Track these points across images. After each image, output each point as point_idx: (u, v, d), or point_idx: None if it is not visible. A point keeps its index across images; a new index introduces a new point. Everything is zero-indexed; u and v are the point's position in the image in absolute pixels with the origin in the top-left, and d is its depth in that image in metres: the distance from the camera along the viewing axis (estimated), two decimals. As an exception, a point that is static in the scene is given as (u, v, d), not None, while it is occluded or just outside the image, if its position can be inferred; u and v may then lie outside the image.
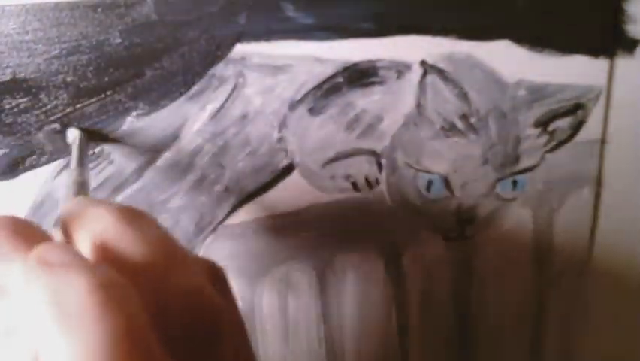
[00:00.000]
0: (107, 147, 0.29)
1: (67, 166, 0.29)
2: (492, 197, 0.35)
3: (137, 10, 0.27)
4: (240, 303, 0.35)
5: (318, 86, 0.31)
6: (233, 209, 0.32)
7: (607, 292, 0.41)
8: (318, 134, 0.32)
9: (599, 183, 0.38)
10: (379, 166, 0.34)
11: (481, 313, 0.40)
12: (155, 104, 0.29)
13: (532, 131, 0.35)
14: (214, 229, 0.32)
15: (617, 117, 0.36)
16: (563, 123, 0.35)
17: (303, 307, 0.36)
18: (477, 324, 0.40)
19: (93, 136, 0.29)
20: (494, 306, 0.40)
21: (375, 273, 0.37)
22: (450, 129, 0.33)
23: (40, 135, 0.27)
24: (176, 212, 0.31)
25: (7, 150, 0.28)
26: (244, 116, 0.31)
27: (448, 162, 0.34)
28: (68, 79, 0.27)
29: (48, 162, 0.29)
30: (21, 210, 0.29)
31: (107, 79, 0.28)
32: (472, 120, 0.33)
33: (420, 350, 0.40)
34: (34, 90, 0.27)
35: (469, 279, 0.38)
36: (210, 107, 0.30)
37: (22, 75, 0.27)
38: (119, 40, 0.27)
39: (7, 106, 0.27)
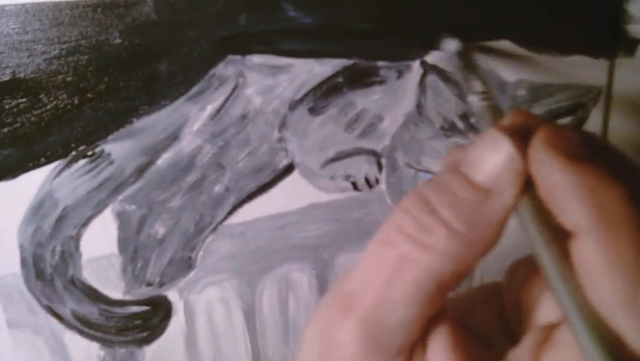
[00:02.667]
0: (106, 147, 0.29)
1: (67, 166, 0.29)
2: (492, 197, 0.35)
3: (137, 10, 0.27)
4: (240, 303, 0.35)
5: (318, 86, 0.31)
6: (233, 209, 0.32)
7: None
8: (318, 134, 0.32)
9: (599, 183, 0.38)
10: (379, 166, 0.34)
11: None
12: (155, 104, 0.29)
13: (532, 131, 0.35)
14: (214, 229, 0.32)
15: (617, 117, 0.36)
16: (563, 123, 0.35)
17: (303, 307, 0.36)
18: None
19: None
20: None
21: (375, 273, 0.36)
22: (450, 129, 0.33)
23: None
24: (176, 212, 0.31)
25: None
26: (244, 116, 0.31)
27: (448, 162, 0.34)
28: (68, 79, 0.27)
29: (48, 162, 0.29)
30: (21, 211, 0.29)
31: (106, 79, 0.28)
32: (472, 120, 0.33)
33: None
34: (34, 90, 0.27)
35: (469, 279, 0.38)
36: (210, 107, 0.30)
37: (22, 75, 0.27)
38: (119, 41, 0.27)
39: (6, 106, 0.27)
